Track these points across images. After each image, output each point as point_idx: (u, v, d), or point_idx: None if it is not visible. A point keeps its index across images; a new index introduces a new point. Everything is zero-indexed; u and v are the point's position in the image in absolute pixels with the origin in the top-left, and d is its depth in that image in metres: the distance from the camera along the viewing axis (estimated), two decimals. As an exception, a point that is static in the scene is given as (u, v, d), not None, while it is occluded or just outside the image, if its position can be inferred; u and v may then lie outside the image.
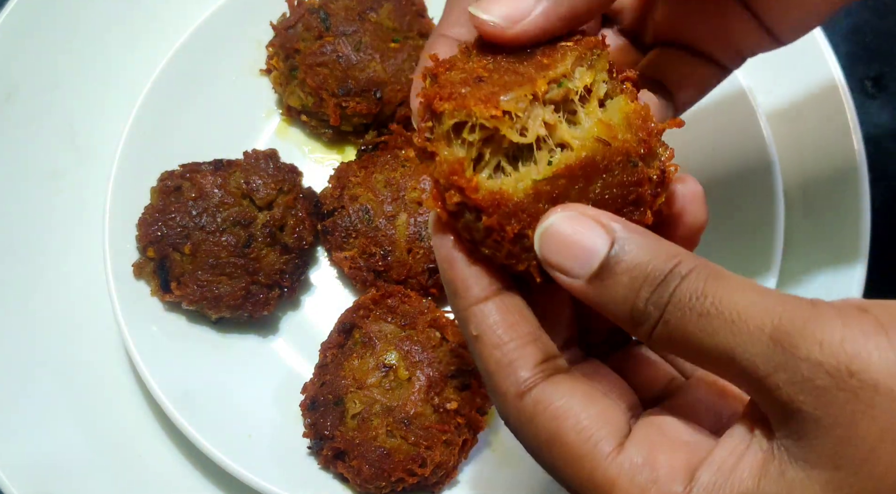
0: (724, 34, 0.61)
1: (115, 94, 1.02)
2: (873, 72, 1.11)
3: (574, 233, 0.43)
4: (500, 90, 0.45)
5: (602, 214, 0.44)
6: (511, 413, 0.45)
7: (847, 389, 0.36)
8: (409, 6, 1.00)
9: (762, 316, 0.38)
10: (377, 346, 0.86)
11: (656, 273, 0.41)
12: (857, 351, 0.36)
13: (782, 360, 0.37)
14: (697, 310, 0.40)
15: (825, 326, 0.37)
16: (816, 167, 0.96)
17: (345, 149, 1.03)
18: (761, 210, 0.90)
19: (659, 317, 0.41)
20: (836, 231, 0.92)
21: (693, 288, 0.40)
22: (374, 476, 0.82)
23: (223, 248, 0.89)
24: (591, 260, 0.42)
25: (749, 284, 0.41)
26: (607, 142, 0.45)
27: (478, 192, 0.44)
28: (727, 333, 0.39)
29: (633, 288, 0.42)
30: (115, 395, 0.93)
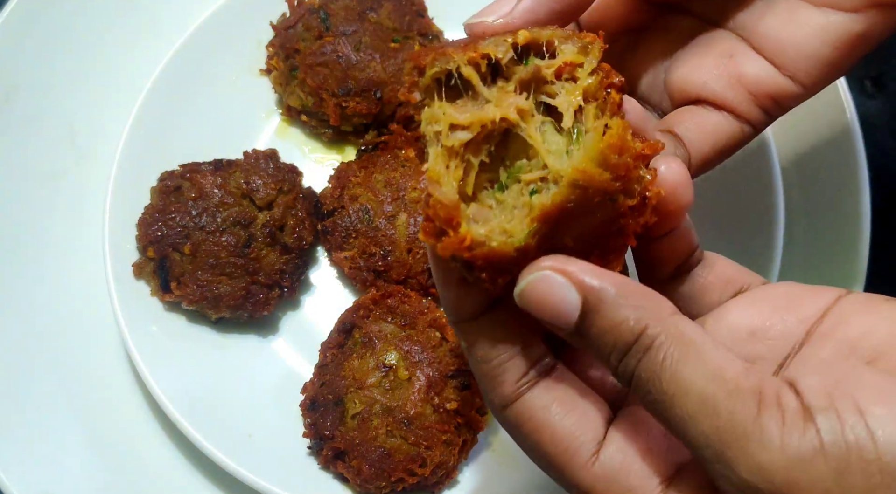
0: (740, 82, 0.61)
1: (115, 94, 1.02)
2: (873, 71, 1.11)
3: (546, 296, 0.45)
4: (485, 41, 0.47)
5: (574, 268, 0.45)
6: (500, 421, 0.50)
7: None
8: (409, 6, 1.00)
9: (709, 421, 0.40)
10: (377, 346, 0.86)
11: (623, 340, 0.44)
12: (789, 481, 0.38)
13: (726, 473, 0.40)
14: (654, 396, 0.43)
15: (764, 444, 0.39)
16: (816, 166, 0.96)
17: (345, 149, 1.03)
18: (761, 209, 0.90)
19: (628, 382, 0.44)
20: (836, 231, 0.92)
21: (653, 369, 0.43)
22: (374, 476, 0.82)
23: (223, 248, 0.89)
24: (568, 319, 0.45)
25: (706, 363, 0.42)
26: (584, 186, 0.45)
27: (471, 251, 0.45)
28: (681, 427, 0.42)
29: (604, 352, 0.45)
30: (115, 395, 0.93)
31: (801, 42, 0.59)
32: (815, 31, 0.59)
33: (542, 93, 0.48)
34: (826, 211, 0.94)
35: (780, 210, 0.89)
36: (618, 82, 0.49)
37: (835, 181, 0.94)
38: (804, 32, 0.59)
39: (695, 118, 0.62)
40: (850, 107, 0.94)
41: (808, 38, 0.59)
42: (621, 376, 0.44)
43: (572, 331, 0.45)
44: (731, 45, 0.62)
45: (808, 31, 0.59)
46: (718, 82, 0.61)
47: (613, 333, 0.44)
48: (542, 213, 0.44)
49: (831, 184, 0.95)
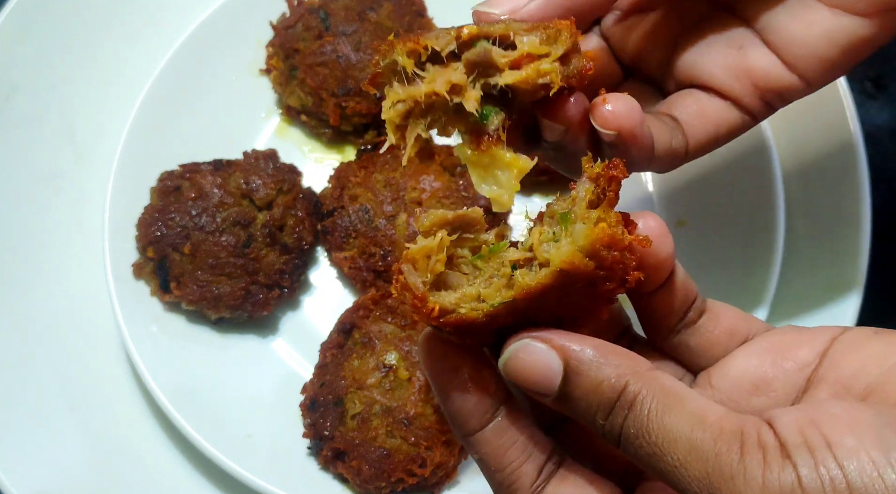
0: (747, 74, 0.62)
1: (114, 94, 1.02)
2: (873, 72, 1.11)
3: (529, 364, 0.46)
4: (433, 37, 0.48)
5: (553, 337, 0.46)
6: None
7: None
8: (409, 6, 1.00)
9: (699, 465, 0.42)
10: (377, 346, 0.86)
11: (606, 398, 0.45)
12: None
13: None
14: (646, 449, 0.44)
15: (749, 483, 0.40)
16: (816, 167, 0.96)
17: (344, 149, 1.03)
18: (761, 210, 0.90)
19: (618, 441, 0.45)
20: (837, 231, 0.92)
21: (639, 423, 0.44)
22: (374, 477, 0.82)
23: (223, 248, 0.89)
24: (551, 384, 0.46)
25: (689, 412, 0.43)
26: (568, 272, 0.46)
27: (440, 319, 0.46)
28: (673, 475, 0.43)
29: (590, 413, 0.46)
30: (115, 395, 0.93)
31: (811, 42, 0.60)
32: (825, 32, 0.59)
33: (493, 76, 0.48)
34: (826, 211, 0.94)
35: (781, 210, 0.89)
36: (621, 177, 0.49)
37: (835, 181, 0.94)
38: (815, 33, 0.59)
39: (697, 104, 0.62)
40: (851, 108, 0.94)
41: (818, 39, 0.60)
42: (609, 435, 0.45)
43: (556, 397, 0.46)
44: (741, 36, 0.62)
45: (818, 31, 0.59)
46: (725, 73, 0.62)
47: (596, 393, 0.45)
48: (524, 292, 0.46)
49: (831, 184, 0.95)
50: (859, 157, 0.92)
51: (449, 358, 0.49)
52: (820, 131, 0.96)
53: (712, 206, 0.94)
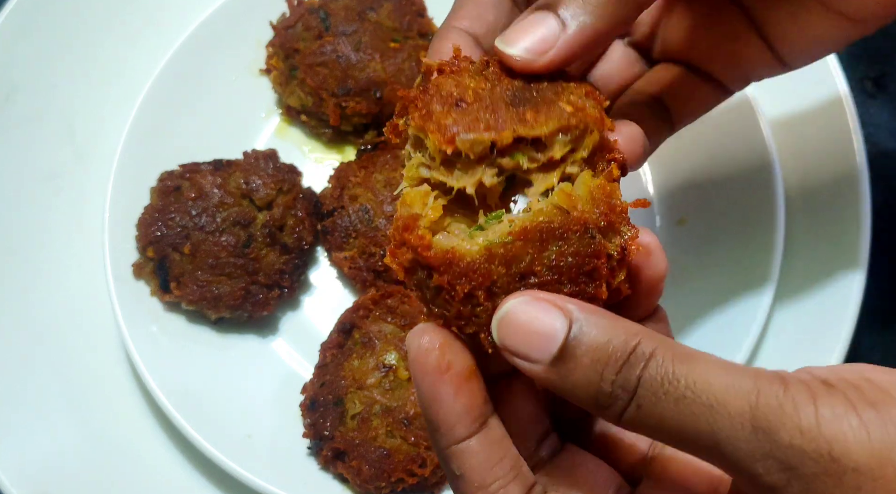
0: (735, 58, 0.62)
1: (115, 94, 1.02)
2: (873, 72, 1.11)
3: (531, 319, 0.42)
4: (467, 125, 0.45)
5: (557, 297, 0.43)
6: None
7: (833, 474, 0.37)
8: (409, 6, 1.00)
9: (739, 399, 0.39)
10: (377, 346, 0.86)
11: (618, 353, 0.41)
12: (835, 435, 0.37)
13: (768, 448, 0.38)
14: (673, 395, 0.40)
15: (800, 409, 0.38)
16: (816, 167, 0.96)
17: (344, 149, 1.03)
18: (761, 210, 0.90)
19: (629, 400, 0.41)
20: (836, 231, 0.92)
21: (663, 371, 0.40)
22: (374, 477, 0.82)
23: (223, 248, 0.89)
24: (550, 345, 0.42)
25: (715, 362, 0.41)
26: (566, 210, 0.44)
27: (430, 251, 0.44)
28: (708, 419, 0.39)
29: (595, 371, 0.41)
30: (115, 395, 0.93)
31: (808, 43, 0.60)
32: (822, 34, 0.59)
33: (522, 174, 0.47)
34: (826, 211, 0.94)
35: (781, 210, 0.89)
36: (619, 159, 0.48)
37: (835, 181, 0.94)
38: (813, 34, 0.60)
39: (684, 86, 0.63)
40: (851, 108, 0.94)
41: (814, 41, 0.60)
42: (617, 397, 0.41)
43: (555, 358, 0.42)
44: (738, 27, 0.62)
45: (816, 33, 0.60)
46: (719, 59, 0.62)
47: (604, 350, 0.41)
48: (522, 229, 0.44)
49: (831, 184, 0.94)
50: (859, 157, 0.92)
51: (440, 353, 0.45)
52: (820, 131, 0.96)
53: (712, 205, 0.94)
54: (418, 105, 0.46)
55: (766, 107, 0.94)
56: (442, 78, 0.47)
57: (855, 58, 1.09)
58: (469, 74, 0.48)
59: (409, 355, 0.46)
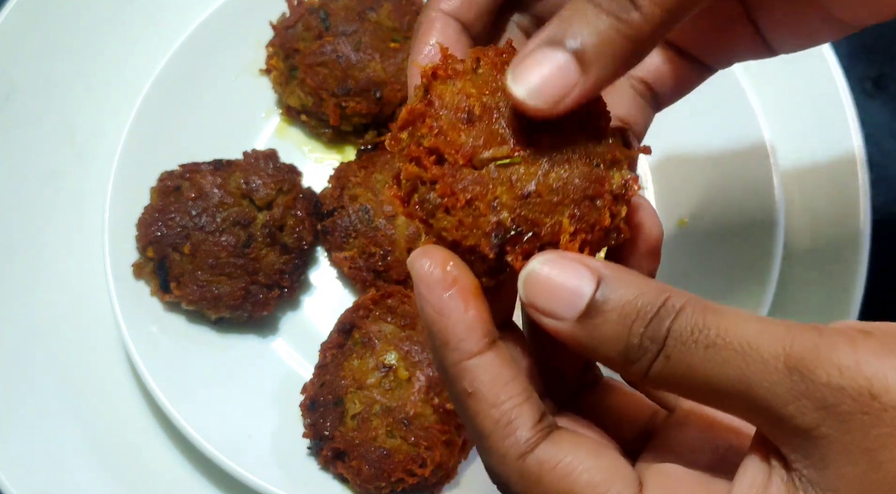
0: (723, 43, 0.61)
1: (115, 94, 1.02)
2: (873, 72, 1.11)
3: (558, 276, 0.42)
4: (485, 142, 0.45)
5: (584, 256, 0.43)
6: (512, 476, 0.43)
7: (871, 412, 0.36)
8: (409, 6, 1.00)
9: (773, 343, 0.38)
10: (377, 346, 0.86)
11: (648, 307, 0.40)
12: (875, 374, 0.36)
13: (803, 388, 0.37)
14: (703, 342, 0.39)
15: (838, 351, 0.37)
16: (816, 166, 0.96)
17: (345, 149, 1.03)
18: (761, 210, 0.90)
19: (658, 352, 0.40)
20: (836, 231, 0.92)
21: (693, 320, 0.40)
22: (374, 477, 0.82)
23: (223, 248, 0.89)
24: (577, 301, 0.41)
25: (747, 315, 0.40)
26: (573, 139, 0.45)
27: (434, 132, 0.45)
28: (739, 364, 0.38)
29: (624, 325, 0.41)
30: (115, 395, 0.93)
31: (799, 36, 0.60)
32: (814, 30, 0.59)
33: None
34: (826, 211, 0.94)
35: (780, 209, 0.89)
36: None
37: (835, 181, 0.94)
38: (806, 29, 0.59)
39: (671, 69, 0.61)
40: (851, 108, 0.94)
41: (805, 36, 0.60)
42: (646, 349, 0.40)
43: (583, 314, 0.41)
44: (730, 13, 0.60)
45: (809, 29, 0.59)
46: (707, 43, 0.61)
47: (634, 304, 0.40)
48: (529, 151, 0.45)
49: (831, 184, 0.95)
50: (859, 157, 0.92)
51: (445, 269, 0.43)
52: (820, 131, 0.96)
53: (712, 206, 0.94)
54: (427, 121, 0.46)
55: (765, 107, 0.94)
56: (442, 86, 0.47)
57: (855, 58, 1.09)
58: (465, 79, 0.48)
59: (413, 274, 0.44)
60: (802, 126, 0.97)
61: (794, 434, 0.38)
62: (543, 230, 0.44)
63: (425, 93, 0.47)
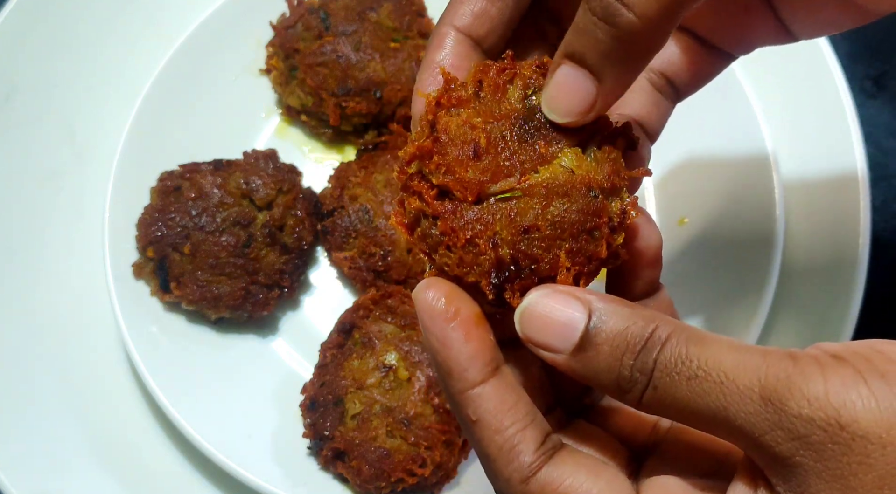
0: (744, 30, 0.61)
1: (114, 94, 1.02)
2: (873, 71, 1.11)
3: (552, 311, 0.44)
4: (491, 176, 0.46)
5: (577, 289, 0.45)
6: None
7: (841, 442, 0.38)
8: (409, 6, 1.00)
9: (748, 375, 0.40)
10: (377, 346, 0.86)
11: (636, 339, 0.42)
12: (843, 403, 0.38)
13: (776, 419, 0.39)
14: (685, 374, 0.41)
15: (808, 381, 0.39)
16: (816, 166, 0.96)
17: (345, 149, 1.03)
18: (761, 210, 0.90)
19: (647, 383, 0.42)
20: (837, 230, 0.92)
21: (677, 353, 0.42)
22: (374, 477, 0.82)
23: (223, 248, 0.89)
24: (571, 335, 0.43)
25: (728, 342, 0.42)
26: (571, 170, 0.46)
27: (437, 200, 0.46)
28: (718, 394, 0.40)
29: (615, 357, 0.43)
30: (115, 395, 0.93)
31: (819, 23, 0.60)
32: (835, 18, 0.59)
33: None
34: (826, 210, 0.94)
35: (781, 210, 0.89)
36: (629, 135, 0.49)
37: (835, 181, 0.94)
38: (826, 17, 0.59)
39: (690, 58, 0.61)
40: (851, 107, 0.94)
41: (826, 23, 0.60)
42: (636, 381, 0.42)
43: (576, 347, 0.43)
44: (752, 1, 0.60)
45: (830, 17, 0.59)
46: (730, 33, 0.61)
47: (623, 336, 0.43)
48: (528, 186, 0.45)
49: (831, 183, 0.95)
50: (859, 157, 0.92)
51: (447, 301, 0.45)
52: (819, 130, 0.96)
53: (712, 205, 0.94)
54: (434, 158, 0.47)
55: (764, 106, 0.94)
56: (447, 118, 0.48)
57: (855, 57, 1.09)
58: (469, 106, 0.48)
59: (416, 306, 0.46)
60: (802, 125, 0.97)
61: (774, 460, 0.40)
62: (541, 266, 0.46)
63: (431, 128, 0.48)
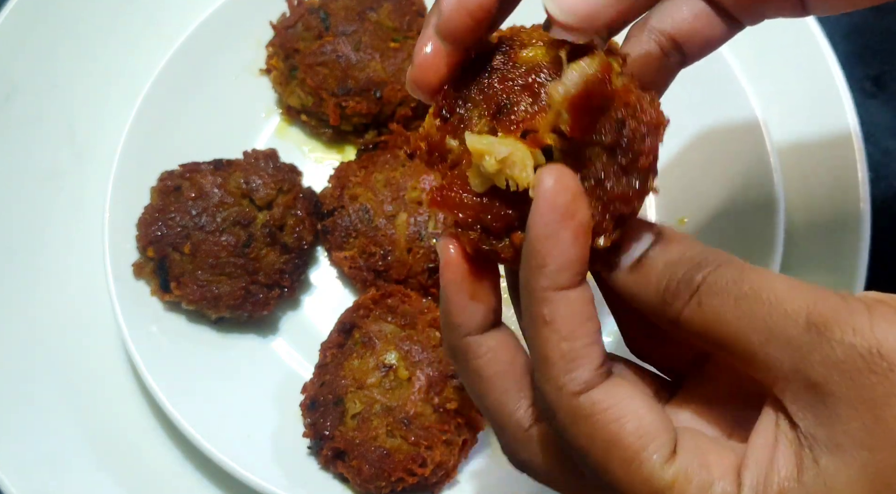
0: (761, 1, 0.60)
1: (115, 94, 1.02)
2: (873, 71, 1.11)
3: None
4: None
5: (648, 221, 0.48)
6: (563, 407, 0.45)
7: (878, 371, 0.38)
8: (409, 6, 1.00)
9: (798, 300, 0.41)
10: (377, 346, 0.86)
11: (694, 258, 0.45)
12: (885, 335, 0.38)
13: (818, 343, 0.39)
14: (735, 293, 0.42)
15: (855, 314, 0.40)
16: (816, 166, 0.96)
17: (345, 148, 1.03)
18: (761, 209, 0.90)
19: (690, 297, 0.43)
20: (837, 231, 0.92)
21: (731, 273, 0.43)
22: (374, 476, 0.82)
23: (223, 248, 0.89)
24: (634, 251, 0.46)
25: (782, 276, 0.43)
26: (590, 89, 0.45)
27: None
28: (764, 315, 0.41)
29: (666, 272, 0.45)
30: (115, 395, 0.93)
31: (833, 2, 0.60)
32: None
33: None
34: (826, 210, 0.94)
35: (781, 210, 0.89)
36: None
37: (835, 180, 0.94)
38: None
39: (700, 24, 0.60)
40: (851, 107, 0.94)
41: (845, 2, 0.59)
42: (680, 292, 0.43)
43: (631, 264, 0.46)
44: None
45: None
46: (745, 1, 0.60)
47: (682, 254, 0.45)
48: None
49: (831, 183, 0.95)
50: (859, 157, 0.92)
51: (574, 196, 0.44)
52: (819, 130, 0.96)
53: (712, 205, 0.94)
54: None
55: (765, 106, 0.94)
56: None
57: (855, 57, 1.09)
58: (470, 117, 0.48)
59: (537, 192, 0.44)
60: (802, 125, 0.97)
61: (805, 388, 0.40)
62: None
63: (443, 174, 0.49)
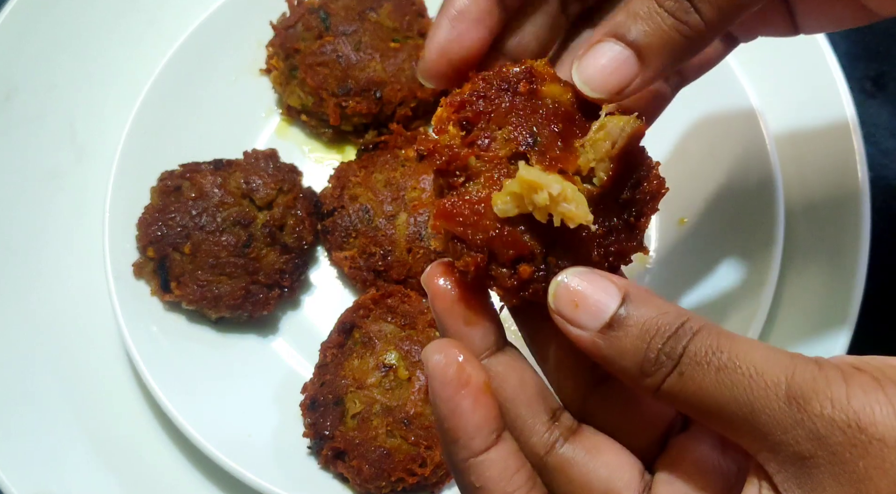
0: (754, 22, 0.62)
1: (115, 94, 1.02)
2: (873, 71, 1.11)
3: (586, 288, 0.45)
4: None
5: (612, 275, 0.46)
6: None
7: (858, 444, 0.39)
8: (409, 6, 1.00)
9: (777, 372, 0.41)
10: (377, 346, 0.86)
11: (667, 326, 0.43)
12: (863, 407, 0.39)
13: (799, 417, 0.40)
14: (716, 364, 0.42)
15: (831, 384, 0.40)
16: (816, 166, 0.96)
17: (345, 148, 1.03)
18: (761, 210, 0.90)
19: (672, 368, 0.43)
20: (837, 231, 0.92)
21: (708, 343, 0.43)
22: (374, 476, 0.82)
23: (223, 248, 0.89)
24: (602, 314, 0.44)
25: (757, 342, 0.43)
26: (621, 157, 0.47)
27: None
28: (745, 387, 0.41)
29: (643, 340, 0.44)
30: (115, 395, 0.93)
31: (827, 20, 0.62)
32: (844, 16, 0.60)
33: None
34: (826, 210, 0.94)
35: (780, 210, 0.89)
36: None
37: (834, 181, 0.94)
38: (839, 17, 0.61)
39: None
40: (850, 107, 0.94)
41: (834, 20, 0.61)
42: (661, 364, 0.43)
43: (607, 324, 0.44)
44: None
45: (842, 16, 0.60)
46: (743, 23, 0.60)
47: (655, 321, 0.44)
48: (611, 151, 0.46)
49: (831, 183, 0.95)
50: (859, 157, 0.92)
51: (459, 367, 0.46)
52: (820, 130, 0.96)
53: (712, 205, 0.94)
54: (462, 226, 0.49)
55: (765, 106, 0.94)
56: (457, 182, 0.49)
57: (854, 57, 1.09)
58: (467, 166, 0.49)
59: (427, 369, 0.47)
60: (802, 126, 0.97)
61: (790, 461, 0.41)
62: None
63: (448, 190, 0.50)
